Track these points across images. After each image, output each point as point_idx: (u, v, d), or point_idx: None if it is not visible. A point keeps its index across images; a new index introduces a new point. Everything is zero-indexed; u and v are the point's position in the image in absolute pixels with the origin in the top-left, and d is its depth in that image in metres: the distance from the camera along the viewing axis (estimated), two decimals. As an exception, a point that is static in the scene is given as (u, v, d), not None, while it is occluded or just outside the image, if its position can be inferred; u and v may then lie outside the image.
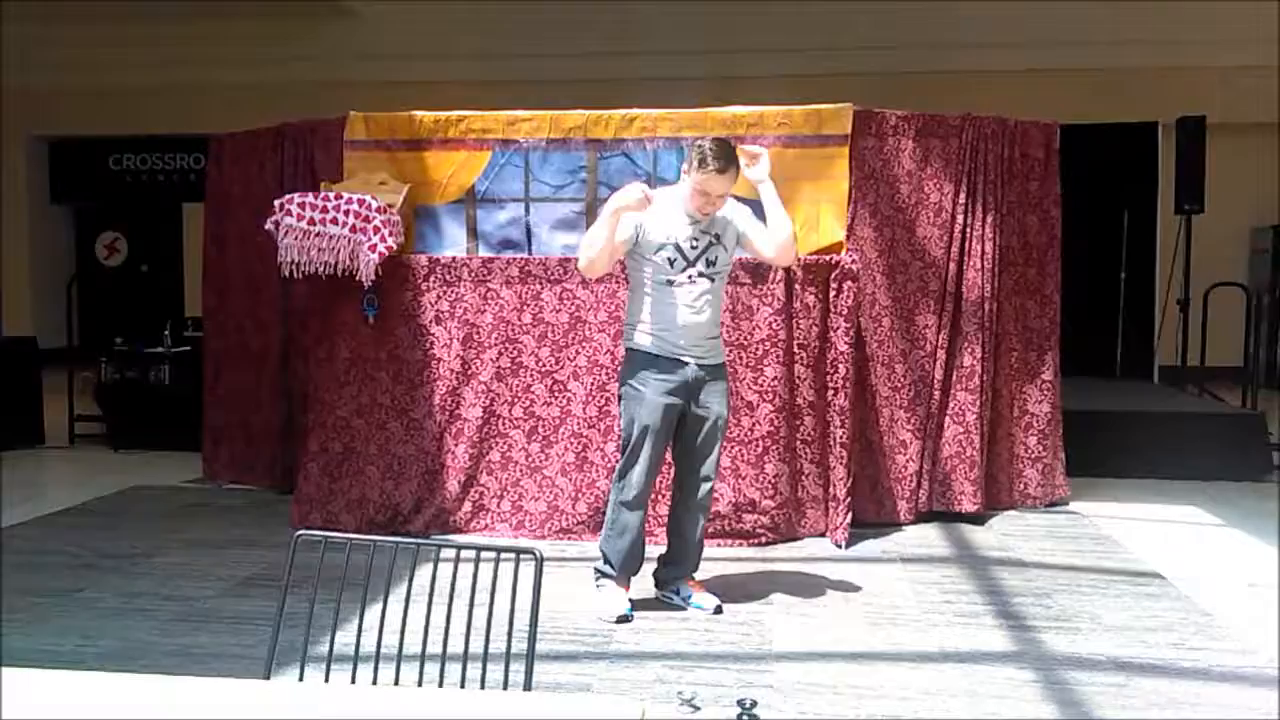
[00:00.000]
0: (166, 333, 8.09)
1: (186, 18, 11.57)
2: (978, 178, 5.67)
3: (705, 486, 4.18)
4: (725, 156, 3.95)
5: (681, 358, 4.05)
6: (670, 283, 4.04)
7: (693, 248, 4.04)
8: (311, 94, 10.09)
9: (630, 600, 4.23)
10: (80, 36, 12.10)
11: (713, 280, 4.09)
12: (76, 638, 3.92)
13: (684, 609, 4.25)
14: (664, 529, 4.46)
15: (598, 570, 4.31)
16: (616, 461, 5.22)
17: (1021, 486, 5.95)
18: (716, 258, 4.08)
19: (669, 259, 4.02)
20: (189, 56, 12.11)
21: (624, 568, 4.24)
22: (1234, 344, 8.50)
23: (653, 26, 11.41)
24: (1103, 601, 4.40)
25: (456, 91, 8.45)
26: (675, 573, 4.32)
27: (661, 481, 4.74)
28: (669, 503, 4.44)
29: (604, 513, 5.20)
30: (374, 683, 2.08)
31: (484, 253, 5.61)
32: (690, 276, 4.04)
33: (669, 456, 4.30)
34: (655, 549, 4.43)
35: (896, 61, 11.06)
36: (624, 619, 4.14)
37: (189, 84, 12.17)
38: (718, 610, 4.22)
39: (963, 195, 5.65)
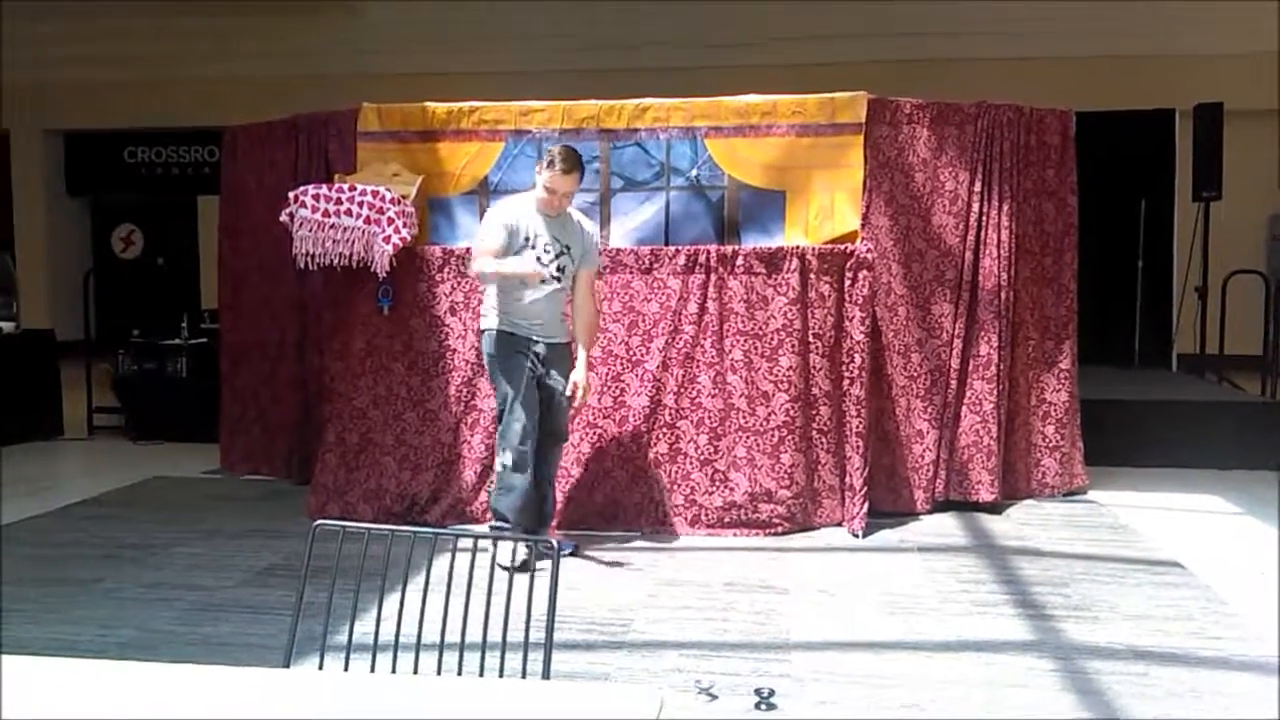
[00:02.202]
0: (183, 325, 8.12)
1: (200, 11, 11.59)
2: (993, 166, 5.63)
3: (558, 448, 4.80)
4: (570, 160, 4.47)
5: (532, 336, 4.57)
6: (525, 282, 4.48)
7: (546, 251, 4.53)
8: (325, 86, 10.09)
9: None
10: (94, 30, 12.13)
11: (560, 282, 4.60)
12: (96, 627, 3.95)
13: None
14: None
15: (493, 527, 4.65)
16: (631, 451, 5.28)
17: (1039, 476, 5.92)
18: (564, 267, 4.60)
19: (542, 259, 4.49)
20: (203, 49, 12.14)
21: (518, 522, 4.57)
22: (1253, 332, 8.43)
23: (665, 17, 11.36)
24: (1121, 590, 4.37)
25: (469, 83, 8.45)
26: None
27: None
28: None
29: (620, 502, 5.27)
30: (393, 671, 2.08)
31: (498, 243, 5.61)
32: (544, 278, 4.51)
33: None
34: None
35: (911, 49, 10.99)
36: (524, 566, 4.08)
37: (203, 77, 12.20)
38: (573, 551, 4.64)
39: (978, 183, 5.62)
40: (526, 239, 4.51)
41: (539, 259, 4.51)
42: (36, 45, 12.25)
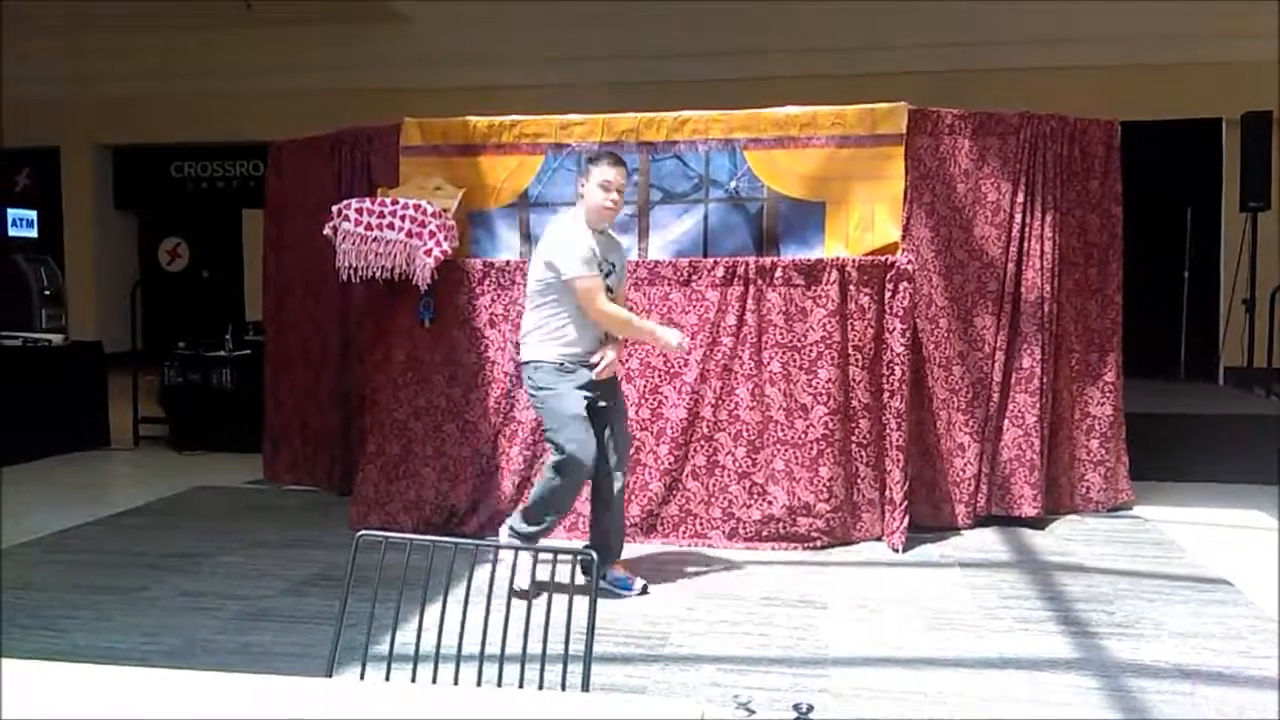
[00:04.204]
0: (227, 337, 8.23)
1: (244, 26, 11.77)
2: (1036, 176, 5.58)
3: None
4: (616, 154, 4.42)
5: (588, 362, 4.34)
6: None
7: (608, 275, 4.35)
8: (368, 100, 10.20)
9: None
10: (142, 45, 12.36)
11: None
12: (140, 635, 4.00)
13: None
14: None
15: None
16: (669, 463, 5.28)
17: (1083, 490, 5.84)
18: (614, 288, 4.40)
19: (607, 283, 4.33)
20: (248, 64, 12.32)
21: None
22: (1302, 345, 8.27)
23: (705, 29, 11.38)
24: (1167, 608, 4.30)
25: (510, 96, 8.51)
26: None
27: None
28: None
29: (657, 514, 5.27)
30: (433, 681, 2.09)
31: (538, 256, 5.64)
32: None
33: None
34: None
35: (952, 59, 10.92)
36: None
37: (248, 92, 12.38)
38: (643, 590, 4.46)
39: (1021, 194, 5.57)
40: (600, 265, 4.29)
41: (616, 274, 4.41)
42: (86, 60, 12.51)
